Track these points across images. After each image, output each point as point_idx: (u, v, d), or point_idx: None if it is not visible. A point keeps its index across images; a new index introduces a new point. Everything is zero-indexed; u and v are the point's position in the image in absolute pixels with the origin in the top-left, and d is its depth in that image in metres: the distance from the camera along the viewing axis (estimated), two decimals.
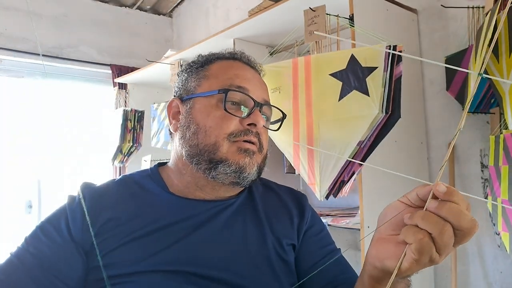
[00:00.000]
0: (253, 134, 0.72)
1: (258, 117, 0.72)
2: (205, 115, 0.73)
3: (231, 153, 0.70)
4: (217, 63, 0.78)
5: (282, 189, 0.88)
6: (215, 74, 0.76)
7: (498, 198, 1.18)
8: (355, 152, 1.26)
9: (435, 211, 0.46)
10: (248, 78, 0.75)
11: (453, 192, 0.46)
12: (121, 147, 2.70)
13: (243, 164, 0.70)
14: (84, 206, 0.68)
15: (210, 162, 0.70)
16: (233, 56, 0.80)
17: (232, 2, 2.73)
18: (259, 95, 0.75)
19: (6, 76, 2.69)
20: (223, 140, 0.70)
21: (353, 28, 1.35)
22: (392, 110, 1.19)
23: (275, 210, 0.80)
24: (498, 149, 1.19)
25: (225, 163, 0.70)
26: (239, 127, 0.71)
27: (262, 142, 0.75)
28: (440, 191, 0.46)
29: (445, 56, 1.55)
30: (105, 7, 3.05)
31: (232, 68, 0.77)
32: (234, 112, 0.72)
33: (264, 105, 0.76)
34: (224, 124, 0.71)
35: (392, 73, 1.19)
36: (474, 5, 1.47)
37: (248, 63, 0.80)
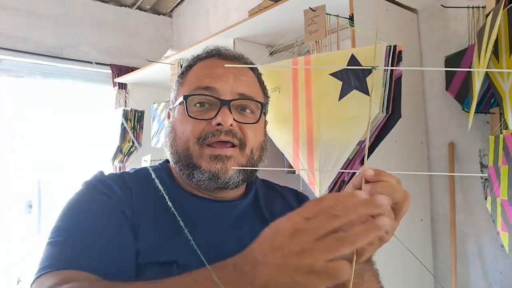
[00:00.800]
0: (223, 134, 0.69)
1: (224, 115, 0.69)
2: (179, 122, 0.74)
3: (204, 159, 0.70)
4: (195, 66, 0.79)
5: (286, 190, 0.88)
6: (188, 80, 0.77)
7: (498, 198, 1.18)
8: (355, 152, 1.26)
9: (369, 193, 0.49)
10: (218, 75, 0.73)
11: (381, 172, 0.51)
12: (121, 147, 2.70)
13: (215, 171, 0.69)
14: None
15: (188, 168, 0.71)
16: (209, 54, 0.79)
17: (232, 2, 2.73)
18: (232, 89, 0.72)
19: (6, 76, 2.69)
20: (194, 144, 0.70)
21: (353, 28, 1.35)
22: (393, 110, 1.19)
23: (280, 211, 0.80)
24: (498, 149, 1.19)
25: (199, 170, 0.69)
26: (207, 129, 0.70)
27: (242, 138, 0.72)
28: (369, 175, 0.50)
29: (445, 56, 1.55)
30: (105, 7, 3.05)
31: (204, 68, 0.76)
32: (201, 115, 0.71)
33: (235, 101, 0.72)
34: (192, 129, 0.71)
35: (392, 73, 1.19)
36: (474, 5, 1.47)
37: (225, 58, 0.78)
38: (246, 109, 0.74)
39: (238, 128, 0.72)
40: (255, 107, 0.75)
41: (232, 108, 0.71)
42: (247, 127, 0.73)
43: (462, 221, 1.57)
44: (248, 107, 0.74)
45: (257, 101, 0.75)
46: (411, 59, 1.64)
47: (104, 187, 0.68)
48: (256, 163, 0.75)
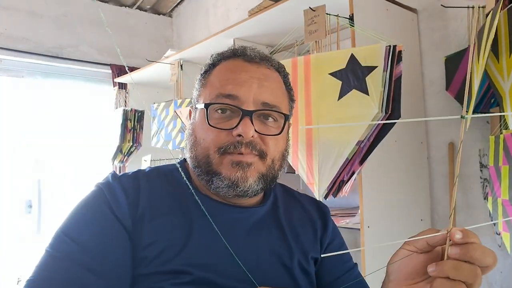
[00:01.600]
0: (243, 146, 0.67)
1: (245, 127, 0.66)
2: (200, 127, 0.71)
3: (224, 166, 0.68)
4: (219, 65, 0.75)
5: (304, 198, 0.86)
6: (211, 82, 0.74)
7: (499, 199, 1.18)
8: (354, 152, 1.26)
9: (461, 257, 0.47)
10: (242, 81, 0.70)
11: (469, 233, 0.47)
12: (121, 147, 2.70)
13: (234, 179, 0.67)
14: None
15: (207, 174, 0.69)
16: (235, 54, 0.75)
17: (232, 2, 2.73)
18: (256, 97, 0.69)
19: (6, 76, 2.69)
20: (214, 153, 0.68)
21: (353, 28, 1.35)
22: (392, 110, 1.19)
23: (299, 221, 0.79)
24: (498, 149, 1.18)
25: (219, 177, 0.67)
26: (228, 139, 0.67)
27: (262, 149, 0.69)
28: (458, 238, 0.47)
29: (445, 56, 1.55)
30: (105, 7, 3.05)
31: (228, 72, 0.73)
32: (223, 124, 0.68)
33: (257, 111, 0.69)
34: (214, 137, 0.68)
35: (392, 72, 1.18)
36: (474, 5, 1.47)
37: (250, 60, 0.73)
38: (269, 118, 0.71)
39: (260, 138, 0.69)
40: (278, 116, 0.72)
41: (255, 117, 0.69)
42: (269, 138, 0.70)
43: (462, 221, 1.57)
44: (271, 116, 0.71)
45: (279, 112, 0.71)
46: (411, 59, 1.64)
47: (110, 196, 0.67)
48: (276, 172, 0.73)
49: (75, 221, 0.65)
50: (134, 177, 0.72)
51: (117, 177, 0.71)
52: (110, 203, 0.66)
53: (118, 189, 0.68)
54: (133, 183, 0.71)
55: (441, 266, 0.47)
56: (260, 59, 0.74)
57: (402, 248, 0.53)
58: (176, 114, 2.17)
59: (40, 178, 2.74)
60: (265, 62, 0.74)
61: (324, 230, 0.80)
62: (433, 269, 0.48)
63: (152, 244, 0.65)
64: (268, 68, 0.74)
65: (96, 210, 0.66)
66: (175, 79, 2.32)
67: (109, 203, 0.66)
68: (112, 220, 0.65)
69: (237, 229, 0.71)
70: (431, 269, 0.48)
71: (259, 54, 0.75)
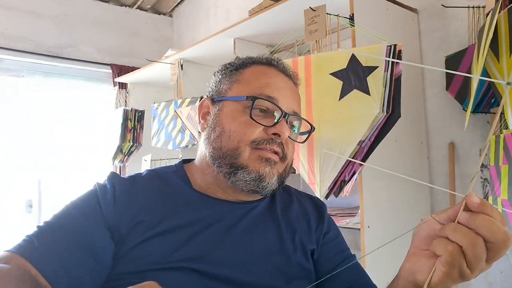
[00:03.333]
0: (276, 144, 0.71)
1: (283, 127, 0.71)
2: (231, 119, 0.73)
3: (252, 160, 0.70)
4: (252, 67, 0.78)
5: (303, 195, 0.88)
6: (247, 80, 0.76)
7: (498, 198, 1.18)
8: (355, 152, 1.26)
9: (466, 223, 0.45)
10: (279, 87, 0.74)
11: (486, 203, 0.46)
12: (121, 147, 2.70)
13: (263, 173, 0.70)
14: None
15: (231, 167, 0.70)
16: (270, 62, 0.78)
17: (232, 2, 2.73)
18: (289, 106, 0.74)
19: (6, 76, 2.69)
20: (245, 146, 0.70)
21: (353, 27, 1.35)
22: (392, 110, 1.19)
23: (296, 216, 0.80)
24: (499, 149, 1.19)
25: (245, 170, 0.69)
26: (263, 135, 0.71)
27: (286, 152, 0.73)
28: (473, 202, 0.46)
29: (445, 56, 1.55)
30: (105, 6, 3.05)
31: (265, 75, 0.76)
32: (260, 120, 0.71)
33: (292, 116, 0.74)
34: (248, 131, 0.71)
35: (393, 72, 1.19)
36: (475, 5, 1.47)
37: (283, 72, 0.78)
38: (294, 127, 0.76)
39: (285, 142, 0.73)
40: (300, 126, 0.78)
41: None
42: (291, 144, 0.75)
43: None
44: (295, 126, 0.77)
45: (308, 123, 0.78)
46: (411, 59, 1.64)
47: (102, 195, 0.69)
48: (287, 177, 0.77)
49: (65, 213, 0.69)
50: (130, 181, 0.74)
51: (112, 180, 0.73)
52: (100, 202, 0.68)
53: (110, 192, 0.70)
54: (127, 187, 0.72)
55: (444, 226, 0.47)
56: (291, 73, 0.80)
57: (431, 216, 0.52)
58: (176, 114, 2.17)
59: (40, 178, 2.74)
60: (294, 78, 0.81)
61: (320, 223, 0.82)
62: (437, 229, 0.48)
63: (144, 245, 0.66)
64: (294, 83, 0.81)
65: (88, 203, 0.69)
66: (175, 79, 2.32)
67: (99, 202, 0.68)
68: (99, 215, 0.67)
69: (236, 224, 0.72)
70: (436, 229, 0.49)
71: (289, 68, 0.81)
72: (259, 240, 0.73)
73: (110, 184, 0.71)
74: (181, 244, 0.67)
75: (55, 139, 2.82)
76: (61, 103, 2.87)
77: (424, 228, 0.52)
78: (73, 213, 0.67)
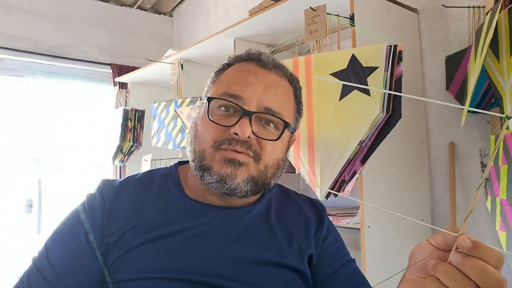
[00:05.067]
0: (239, 144, 0.67)
1: (242, 126, 0.66)
2: (200, 121, 0.72)
3: (216, 161, 0.68)
4: (232, 67, 0.76)
5: (302, 199, 0.86)
6: (222, 80, 0.75)
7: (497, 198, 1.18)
8: (356, 152, 1.26)
9: (458, 266, 0.43)
10: (249, 83, 0.70)
11: (479, 246, 0.43)
12: (122, 147, 2.70)
13: (223, 174, 0.67)
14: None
15: (200, 169, 0.69)
16: (249, 57, 0.76)
17: (233, 2, 2.73)
18: (259, 102, 0.69)
19: (6, 76, 2.69)
20: (210, 147, 0.69)
21: (354, 27, 1.35)
22: (393, 110, 1.19)
23: (293, 220, 0.79)
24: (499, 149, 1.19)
25: (209, 172, 0.68)
26: (224, 135, 0.68)
27: (259, 152, 0.69)
28: (464, 246, 0.43)
29: (445, 56, 1.55)
30: (105, 6, 3.06)
31: (239, 72, 0.74)
32: (223, 120, 0.69)
33: (257, 114, 0.69)
34: (210, 131, 0.69)
35: (393, 72, 1.19)
36: (475, 5, 1.47)
37: (263, 66, 0.74)
38: (271, 124, 0.71)
39: (256, 141, 0.69)
40: (280, 124, 0.71)
41: (255, 120, 0.69)
42: (266, 142, 0.70)
43: (462, 220, 1.56)
44: (273, 122, 0.71)
45: (280, 119, 0.71)
46: (411, 59, 1.64)
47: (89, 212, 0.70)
48: (269, 179, 0.72)
49: (54, 237, 0.70)
50: (120, 189, 0.74)
51: (102, 189, 0.73)
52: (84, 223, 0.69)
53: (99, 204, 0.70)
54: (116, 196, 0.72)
55: (436, 265, 0.45)
56: (273, 66, 0.75)
57: (426, 240, 0.50)
58: (176, 113, 2.17)
59: (40, 177, 2.75)
60: (278, 70, 0.75)
61: (319, 228, 0.80)
62: (430, 266, 0.46)
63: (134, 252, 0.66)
64: (279, 76, 0.75)
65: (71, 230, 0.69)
66: (175, 79, 2.32)
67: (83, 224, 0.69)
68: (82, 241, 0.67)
69: (228, 231, 0.71)
70: (429, 266, 0.46)
71: (273, 61, 0.76)
72: (253, 245, 0.71)
73: (99, 194, 0.72)
74: (170, 253, 0.66)
75: (55, 139, 2.82)
76: (61, 103, 2.87)
77: (421, 253, 0.50)
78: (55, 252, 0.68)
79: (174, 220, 0.70)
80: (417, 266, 0.50)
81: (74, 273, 0.66)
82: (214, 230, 0.70)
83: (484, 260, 0.43)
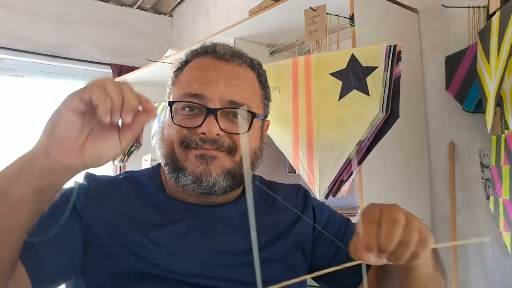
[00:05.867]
0: (208, 143, 0.66)
1: (209, 125, 0.66)
2: (166, 124, 0.72)
3: (189, 160, 0.67)
4: (190, 63, 0.75)
5: (286, 187, 0.84)
6: (181, 80, 0.74)
7: (500, 198, 1.18)
8: (355, 152, 1.26)
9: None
10: (209, 80, 0.69)
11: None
12: None
13: (198, 173, 0.66)
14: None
15: (174, 171, 0.68)
16: (205, 51, 0.74)
17: (233, 2, 2.73)
18: (222, 96, 0.68)
19: (6, 75, 2.69)
20: (178, 148, 0.68)
21: (354, 27, 1.35)
22: (391, 110, 1.19)
23: (278, 213, 0.77)
24: (500, 149, 1.19)
25: (183, 173, 0.67)
26: (192, 136, 0.67)
27: (231, 145, 0.68)
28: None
29: (445, 56, 1.55)
30: (105, 6, 3.05)
31: (196, 70, 0.72)
32: (187, 121, 0.68)
33: (222, 109, 0.68)
34: (176, 133, 0.68)
35: (392, 72, 1.19)
36: (475, 5, 1.47)
37: (220, 58, 0.72)
38: (238, 116, 0.70)
39: (227, 136, 0.68)
40: (249, 115, 0.70)
41: (222, 115, 0.68)
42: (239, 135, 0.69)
43: (462, 221, 1.56)
44: (240, 114, 0.70)
45: (250, 112, 0.70)
46: (411, 59, 1.63)
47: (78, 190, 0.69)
48: (239, 171, 0.70)
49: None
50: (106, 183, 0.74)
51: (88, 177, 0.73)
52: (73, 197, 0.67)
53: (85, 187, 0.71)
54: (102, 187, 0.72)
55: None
56: (230, 56, 0.73)
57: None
58: None
59: None
60: (236, 59, 0.73)
61: (305, 208, 0.79)
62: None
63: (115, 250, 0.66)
64: (239, 66, 0.73)
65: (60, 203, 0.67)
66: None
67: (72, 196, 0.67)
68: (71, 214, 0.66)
69: (210, 229, 0.70)
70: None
71: (230, 50, 0.74)
72: (236, 244, 0.70)
73: (86, 181, 0.72)
74: (150, 256, 0.66)
75: None
76: None
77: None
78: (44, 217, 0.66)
79: (156, 222, 0.69)
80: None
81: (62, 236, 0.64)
82: (196, 231, 0.70)
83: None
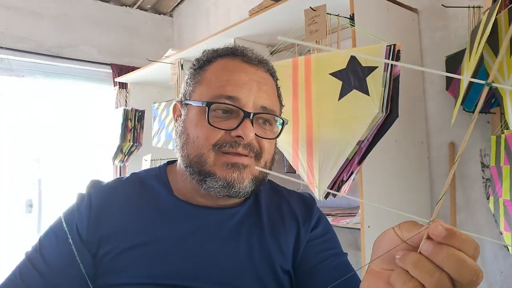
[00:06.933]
0: (241, 146, 0.67)
1: (247, 129, 0.66)
2: (194, 124, 0.70)
3: (218, 166, 0.67)
4: (215, 62, 0.73)
5: (293, 195, 0.84)
6: (208, 79, 0.72)
7: (500, 199, 1.18)
8: (354, 152, 1.26)
9: (430, 256, 0.38)
10: (242, 83, 0.69)
11: (454, 233, 0.37)
12: (122, 147, 2.70)
13: (230, 180, 0.66)
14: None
15: (200, 174, 0.67)
16: (233, 53, 0.73)
17: (233, 2, 2.73)
18: (256, 101, 0.69)
19: (6, 76, 2.69)
20: (209, 151, 0.67)
21: (354, 27, 1.35)
22: (391, 110, 1.19)
23: (283, 220, 0.77)
24: (500, 149, 1.18)
25: (213, 177, 0.66)
26: (225, 138, 0.67)
27: (259, 150, 0.70)
28: (436, 234, 0.37)
29: (446, 56, 1.55)
30: (105, 6, 3.05)
31: (227, 71, 0.71)
32: (222, 123, 0.67)
33: (258, 114, 0.69)
34: (209, 135, 0.67)
35: (392, 72, 1.19)
36: (475, 5, 1.47)
37: (249, 62, 0.72)
38: (267, 122, 0.71)
39: (256, 141, 0.69)
40: (274, 120, 0.72)
41: (255, 120, 0.69)
42: (265, 141, 0.70)
43: (462, 221, 1.57)
44: (268, 120, 0.72)
45: (281, 118, 0.73)
46: (411, 59, 1.63)
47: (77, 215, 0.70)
48: (266, 174, 0.73)
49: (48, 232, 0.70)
50: (108, 191, 0.74)
51: (90, 190, 0.73)
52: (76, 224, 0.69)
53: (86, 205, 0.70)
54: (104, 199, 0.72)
55: (404, 256, 0.40)
56: (258, 62, 0.73)
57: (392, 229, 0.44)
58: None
59: (40, 177, 2.74)
60: (263, 66, 0.74)
61: (307, 220, 0.78)
62: (398, 257, 0.40)
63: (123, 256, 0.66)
64: (265, 72, 0.74)
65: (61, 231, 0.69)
66: (175, 79, 2.32)
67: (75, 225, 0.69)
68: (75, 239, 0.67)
69: (217, 232, 0.70)
70: (397, 256, 0.41)
71: (257, 56, 0.74)
72: (242, 246, 0.71)
73: (87, 196, 0.72)
74: (158, 258, 0.66)
75: (55, 139, 2.81)
76: (61, 103, 2.87)
77: (386, 243, 0.44)
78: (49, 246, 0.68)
79: (163, 223, 0.69)
80: (384, 257, 0.44)
81: (66, 267, 0.65)
82: (203, 233, 0.70)
83: (460, 249, 0.37)
